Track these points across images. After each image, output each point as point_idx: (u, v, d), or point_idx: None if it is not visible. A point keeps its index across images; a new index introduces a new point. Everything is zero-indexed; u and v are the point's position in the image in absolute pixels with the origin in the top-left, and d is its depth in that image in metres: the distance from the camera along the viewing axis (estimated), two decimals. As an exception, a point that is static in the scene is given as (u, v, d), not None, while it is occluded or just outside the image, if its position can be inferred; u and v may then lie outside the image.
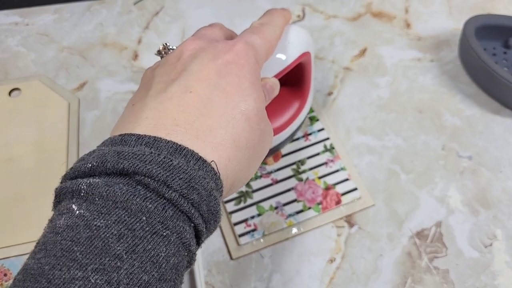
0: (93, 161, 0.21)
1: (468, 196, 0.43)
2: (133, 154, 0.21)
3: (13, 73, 0.51)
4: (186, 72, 0.25)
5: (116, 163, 0.21)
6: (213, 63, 0.26)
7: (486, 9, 0.56)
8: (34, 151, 0.45)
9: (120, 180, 0.21)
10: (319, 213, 0.41)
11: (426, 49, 0.53)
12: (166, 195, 0.21)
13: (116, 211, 0.20)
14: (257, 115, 0.26)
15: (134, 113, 0.25)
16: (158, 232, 0.20)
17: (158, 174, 0.21)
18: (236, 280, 0.39)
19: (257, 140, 0.26)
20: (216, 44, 0.27)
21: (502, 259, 0.39)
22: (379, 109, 0.48)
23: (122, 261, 0.19)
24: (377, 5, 0.57)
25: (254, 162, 0.27)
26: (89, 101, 0.49)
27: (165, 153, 0.22)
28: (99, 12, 0.56)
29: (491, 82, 0.47)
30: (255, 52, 0.27)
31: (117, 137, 0.23)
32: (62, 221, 0.20)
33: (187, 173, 0.21)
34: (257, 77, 0.27)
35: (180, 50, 0.27)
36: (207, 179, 0.22)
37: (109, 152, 0.21)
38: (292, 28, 0.35)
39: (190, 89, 0.24)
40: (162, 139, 0.22)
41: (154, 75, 0.27)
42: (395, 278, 0.39)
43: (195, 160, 0.22)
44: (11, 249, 0.40)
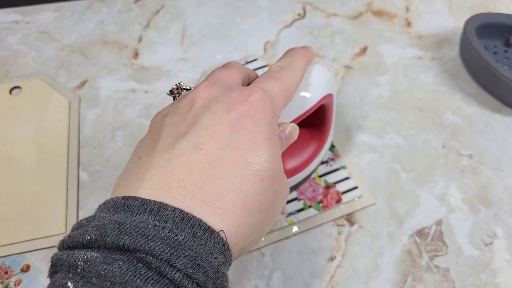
0: (91, 233, 0.20)
1: (469, 194, 0.43)
2: (135, 228, 0.19)
3: (14, 71, 0.51)
4: (197, 126, 0.24)
5: (116, 238, 0.19)
6: (227, 116, 0.24)
7: (487, 7, 0.56)
8: (35, 150, 0.45)
9: (120, 256, 0.19)
10: (319, 212, 0.41)
11: (427, 48, 0.53)
12: (169, 276, 0.19)
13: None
14: (271, 176, 0.24)
15: (139, 170, 0.23)
16: None
17: (162, 252, 0.19)
18: (237, 278, 0.39)
19: (270, 202, 0.24)
20: (231, 92, 0.25)
21: (502, 258, 0.40)
22: (379, 107, 0.48)
23: None
24: (378, 3, 0.57)
25: (266, 224, 0.25)
26: (90, 99, 0.49)
27: (170, 225, 0.20)
28: (99, 10, 0.56)
29: (491, 80, 0.47)
30: (273, 103, 0.26)
31: (120, 200, 0.21)
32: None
33: (193, 250, 0.20)
34: (273, 132, 0.25)
35: (192, 98, 0.25)
36: (215, 254, 0.20)
37: (109, 223, 0.20)
38: (315, 69, 0.34)
39: (200, 146, 0.23)
40: (168, 207, 0.20)
41: (163, 124, 0.25)
42: (395, 276, 0.39)
43: (203, 231, 0.20)
44: (12, 247, 0.40)
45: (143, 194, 0.21)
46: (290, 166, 0.39)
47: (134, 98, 0.49)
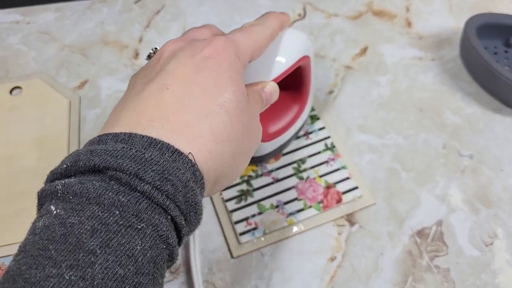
0: (67, 162, 0.22)
1: (469, 194, 0.43)
2: (105, 151, 0.21)
3: (14, 71, 0.51)
4: (163, 71, 0.26)
5: (87, 160, 0.21)
6: (191, 60, 0.26)
7: (487, 7, 0.56)
8: (35, 149, 0.45)
9: (94, 177, 0.21)
10: (319, 212, 0.41)
11: (427, 48, 0.53)
12: (139, 188, 0.21)
13: (89, 207, 0.20)
14: (236, 108, 0.25)
15: (115, 116, 0.25)
16: (132, 226, 0.20)
17: (130, 167, 0.21)
18: (237, 278, 0.39)
19: (240, 133, 0.26)
20: (195, 42, 0.27)
21: (502, 258, 0.39)
22: (379, 107, 0.48)
23: (96, 256, 0.19)
24: (378, 3, 0.57)
25: (240, 156, 0.26)
26: (90, 99, 0.49)
27: (138, 147, 0.22)
28: (100, 10, 0.56)
29: (492, 80, 0.47)
30: (236, 48, 0.27)
31: (96, 138, 0.23)
32: (41, 222, 0.20)
33: (160, 165, 0.21)
34: (238, 73, 0.27)
35: (160, 52, 0.28)
36: (183, 170, 0.22)
37: (82, 151, 0.22)
38: (291, 32, 0.35)
39: (167, 86, 0.25)
40: (137, 135, 0.22)
41: (136, 78, 0.27)
42: (395, 276, 0.39)
43: (171, 153, 0.22)
44: (12, 247, 0.40)
45: (115, 130, 0.23)
46: (275, 128, 0.41)
47: (134, 98, 0.49)
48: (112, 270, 0.19)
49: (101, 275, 0.18)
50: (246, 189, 0.43)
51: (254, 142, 0.28)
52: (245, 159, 0.28)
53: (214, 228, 0.41)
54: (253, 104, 0.29)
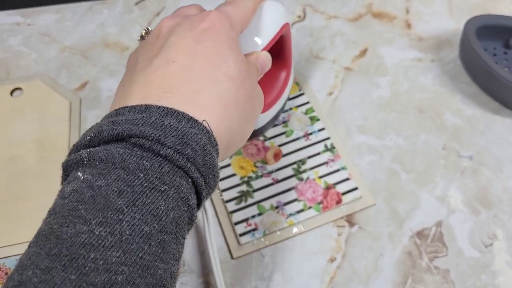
0: (90, 133, 0.23)
1: (469, 195, 0.43)
2: (126, 120, 0.22)
3: (15, 72, 0.51)
4: (166, 46, 0.27)
5: (111, 130, 0.22)
6: (190, 33, 0.27)
7: (487, 9, 0.56)
8: (36, 150, 0.45)
9: (118, 144, 0.22)
10: (319, 213, 0.41)
11: (427, 49, 0.53)
12: (161, 152, 0.22)
13: (115, 171, 0.21)
14: (240, 75, 0.27)
15: (125, 91, 0.26)
16: (156, 187, 0.21)
17: (152, 134, 0.22)
18: (237, 279, 0.39)
19: (245, 99, 0.27)
20: (191, 17, 0.28)
21: (502, 259, 0.39)
22: (379, 108, 0.48)
23: (123, 214, 0.20)
24: (378, 5, 0.57)
25: (246, 121, 0.28)
26: (91, 100, 0.49)
27: (156, 115, 0.23)
28: (100, 12, 0.57)
29: (491, 82, 0.47)
30: (230, 19, 0.29)
31: (112, 111, 0.24)
32: (69, 187, 0.21)
33: (179, 131, 0.22)
34: (234, 41, 0.28)
35: (158, 29, 0.29)
36: (200, 135, 0.23)
37: (104, 123, 0.23)
38: (269, 3, 0.37)
39: (172, 59, 0.26)
40: (153, 106, 0.23)
41: (138, 55, 0.28)
42: (395, 277, 0.39)
43: (187, 121, 0.23)
44: (13, 248, 0.40)
45: (131, 103, 0.24)
46: (270, 98, 0.42)
47: (135, 100, 0.49)
48: (139, 227, 0.20)
49: (129, 231, 0.20)
50: (246, 190, 0.43)
51: (257, 106, 0.30)
52: (251, 124, 0.29)
53: (214, 229, 0.41)
54: (251, 72, 0.30)
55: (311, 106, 0.48)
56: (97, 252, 0.19)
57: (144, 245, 0.20)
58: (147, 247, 0.20)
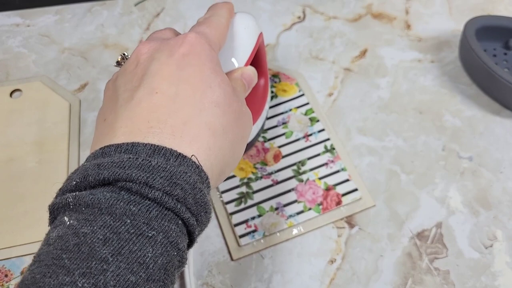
0: (76, 178, 0.22)
1: (469, 196, 0.43)
2: (112, 163, 0.22)
3: (14, 74, 0.51)
4: (147, 75, 0.26)
5: (97, 175, 0.21)
6: (171, 59, 0.26)
7: (487, 10, 0.56)
8: (35, 152, 0.45)
9: (104, 188, 0.21)
10: (319, 214, 0.41)
11: (427, 50, 0.53)
12: (150, 195, 0.21)
13: (101, 217, 0.20)
14: (225, 99, 0.26)
15: (108, 126, 0.25)
16: (143, 233, 0.20)
17: (139, 176, 0.21)
18: (237, 280, 0.39)
19: (233, 122, 0.27)
20: (168, 41, 0.27)
21: (502, 260, 0.39)
22: (379, 110, 0.48)
23: (108, 264, 0.19)
24: (378, 6, 0.57)
25: (237, 144, 0.27)
26: (90, 101, 0.49)
27: (143, 155, 0.22)
28: (100, 13, 0.57)
29: (491, 83, 0.47)
30: (208, 39, 0.28)
31: (98, 151, 0.23)
32: (55, 233, 0.21)
33: (167, 171, 0.22)
34: (216, 63, 0.27)
35: (135, 56, 0.27)
36: (189, 173, 0.22)
37: (89, 166, 0.22)
38: (240, 17, 0.36)
39: (155, 90, 0.25)
40: (139, 144, 0.23)
41: (117, 86, 0.27)
42: (395, 279, 0.39)
43: (175, 158, 0.23)
44: (12, 250, 0.40)
45: (117, 141, 0.23)
46: (255, 108, 0.42)
47: (134, 101, 0.49)
48: (124, 277, 0.19)
49: (113, 282, 0.19)
50: (246, 192, 0.43)
51: (247, 127, 0.29)
52: (242, 145, 0.28)
53: (214, 230, 0.41)
54: (238, 92, 0.29)
55: (311, 107, 0.48)
56: None
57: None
58: None
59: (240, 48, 0.35)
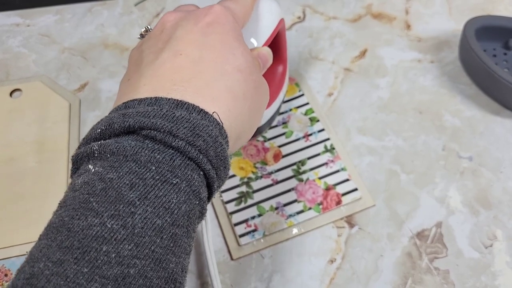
0: (101, 126, 0.23)
1: (469, 196, 0.43)
2: (137, 113, 0.22)
3: (14, 73, 0.51)
4: (173, 39, 0.26)
5: (122, 122, 0.22)
6: (196, 27, 0.27)
7: (487, 10, 0.56)
8: (35, 152, 0.45)
9: (129, 137, 0.22)
10: (319, 214, 0.41)
11: (426, 50, 0.53)
12: (173, 144, 0.22)
13: (127, 164, 0.21)
14: (247, 67, 0.27)
15: (132, 85, 0.26)
16: (168, 180, 0.21)
17: (163, 126, 0.22)
18: (237, 280, 0.39)
19: (253, 91, 0.27)
20: (194, 11, 0.28)
21: (502, 260, 0.39)
22: (379, 110, 0.48)
23: (135, 207, 0.20)
24: (377, 6, 0.57)
25: (254, 113, 0.28)
26: (90, 101, 0.49)
27: (167, 107, 0.23)
28: (100, 13, 0.57)
29: (491, 83, 0.47)
30: (232, 13, 0.29)
31: (121, 104, 0.24)
32: (80, 180, 0.21)
33: (190, 122, 0.22)
34: (239, 33, 0.28)
35: (161, 23, 0.28)
36: (211, 127, 0.23)
37: (115, 115, 0.23)
38: (263, 1, 0.37)
39: (180, 52, 0.26)
40: (163, 98, 0.23)
41: (142, 50, 0.28)
42: (395, 278, 0.39)
43: (197, 112, 0.23)
44: (12, 249, 0.40)
45: (140, 96, 0.24)
46: (271, 91, 0.42)
47: (134, 101, 0.49)
48: (151, 220, 0.20)
49: (141, 224, 0.20)
50: (246, 191, 0.43)
51: (265, 97, 0.30)
52: (259, 115, 0.29)
53: (213, 230, 0.41)
54: (256, 65, 0.30)
55: (311, 107, 0.48)
56: (109, 245, 0.19)
57: (156, 239, 0.20)
58: (159, 240, 0.20)
59: (260, 30, 0.36)
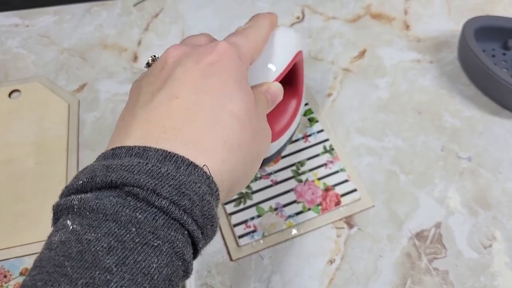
0: (83, 177, 0.21)
1: (468, 197, 0.43)
2: (121, 166, 0.21)
3: (13, 74, 0.51)
4: (171, 79, 0.25)
5: (104, 176, 0.21)
6: (197, 66, 0.26)
7: (486, 10, 0.56)
8: (34, 152, 0.45)
9: (110, 192, 0.21)
10: (318, 214, 0.41)
11: (426, 51, 0.53)
12: (156, 203, 0.20)
13: (106, 224, 0.20)
14: (246, 114, 0.26)
15: (124, 127, 0.25)
16: (149, 243, 0.20)
17: (147, 183, 0.20)
18: (236, 281, 0.39)
19: (250, 139, 0.26)
20: (198, 47, 0.27)
21: (501, 260, 0.40)
22: (378, 110, 0.48)
23: (112, 274, 0.19)
24: (377, 6, 0.57)
25: (250, 162, 0.26)
26: (89, 102, 0.49)
27: (153, 161, 0.21)
28: (99, 13, 0.57)
29: (490, 83, 0.47)
30: (239, 51, 0.27)
31: (109, 151, 0.23)
32: (57, 237, 0.20)
33: (176, 179, 0.21)
34: (243, 76, 0.27)
35: (164, 58, 0.27)
36: (199, 184, 0.22)
37: (98, 166, 0.22)
38: (282, 30, 0.36)
39: (175, 96, 0.24)
40: (151, 148, 0.22)
41: (141, 86, 0.27)
42: (394, 279, 0.39)
43: (186, 166, 0.22)
44: (11, 250, 0.40)
45: (129, 143, 0.23)
46: (279, 126, 0.40)
47: (134, 101, 0.49)
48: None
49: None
50: (245, 192, 0.43)
51: (264, 145, 0.28)
52: (256, 164, 0.28)
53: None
54: (260, 107, 0.29)
55: (310, 108, 0.48)
56: None
57: None
58: None
59: (274, 62, 0.34)
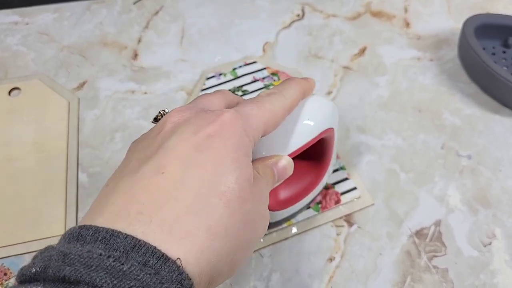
0: (37, 265, 0.19)
1: (468, 195, 0.43)
2: (79, 258, 0.19)
3: (13, 72, 0.51)
4: (162, 149, 0.23)
5: (58, 269, 0.18)
6: (193, 137, 0.23)
7: (486, 8, 0.56)
8: (34, 150, 0.45)
9: None
10: (318, 213, 0.41)
11: (426, 49, 0.53)
12: None
13: None
14: (239, 197, 0.22)
15: (104, 197, 0.22)
16: None
17: (104, 283, 0.18)
18: (236, 279, 0.39)
19: (241, 226, 0.23)
20: (202, 114, 0.25)
21: (501, 258, 0.40)
22: (378, 108, 0.48)
23: None
24: (377, 4, 0.57)
25: (239, 251, 0.23)
26: (89, 100, 0.49)
27: (118, 254, 0.19)
28: (99, 11, 0.56)
29: (490, 81, 0.47)
30: (246, 123, 0.24)
31: (76, 230, 0.20)
32: None
33: (139, 280, 0.18)
34: (244, 153, 0.24)
35: (163, 121, 0.25)
36: (166, 284, 0.19)
37: (55, 254, 0.19)
38: (317, 100, 0.32)
39: (162, 170, 0.22)
40: (120, 234, 0.20)
41: (134, 150, 0.25)
42: (394, 277, 0.39)
43: (156, 259, 0.19)
44: (11, 248, 0.40)
45: (100, 221, 0.21)
46: (284, 197, 0.38)
47: (134, 99, 0.49)
48: None
49: None
50: (245, 190, 0.42)
51: (258, 232, 0.25)
52: (246, 252, 0.24)
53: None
54: (262, 183, 0.26)
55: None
56: None
57: None
58: None
59: (294, 135, 0.30)
